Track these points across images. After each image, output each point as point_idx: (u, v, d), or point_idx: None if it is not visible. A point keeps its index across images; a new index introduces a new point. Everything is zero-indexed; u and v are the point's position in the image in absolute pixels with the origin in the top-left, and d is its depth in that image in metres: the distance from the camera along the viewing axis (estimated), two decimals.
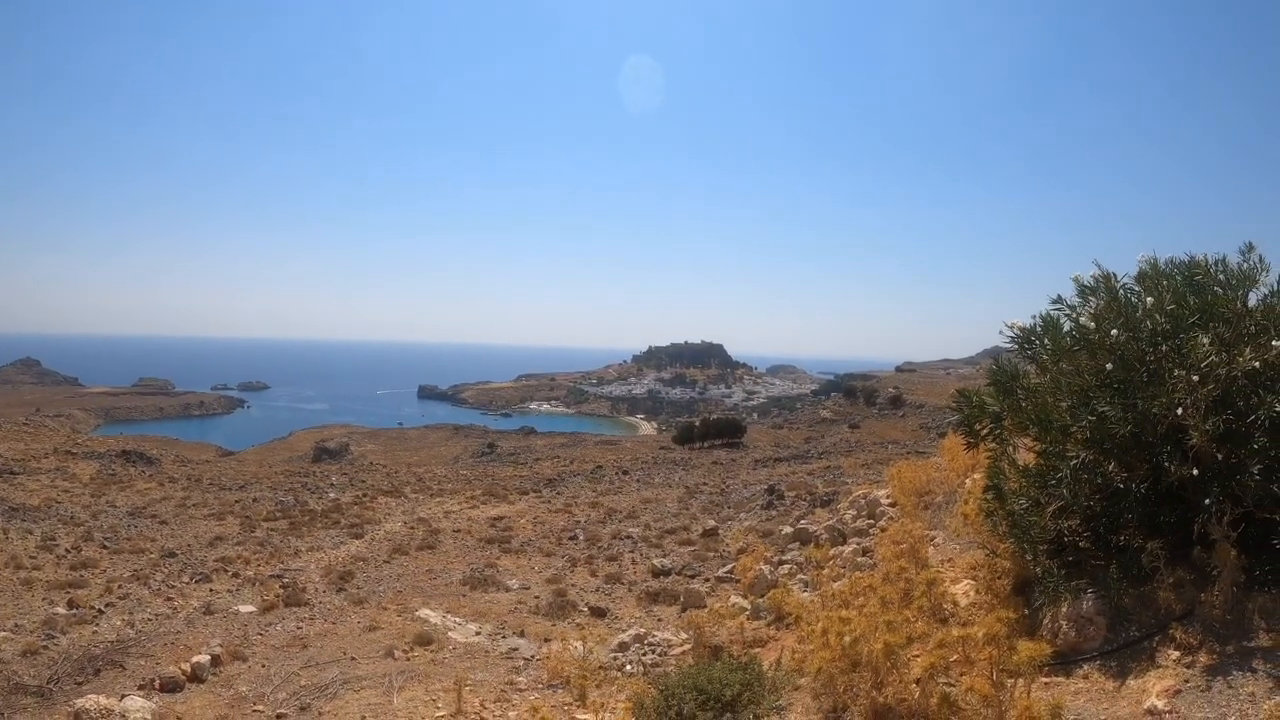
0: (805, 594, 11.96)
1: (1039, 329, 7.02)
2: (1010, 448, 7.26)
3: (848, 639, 6.12)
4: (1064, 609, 6.41)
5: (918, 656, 6.09)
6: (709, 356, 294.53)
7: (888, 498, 17.24)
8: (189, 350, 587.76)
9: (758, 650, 9.88)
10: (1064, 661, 6.14)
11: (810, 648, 7.19)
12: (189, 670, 13.49)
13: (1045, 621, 6.54)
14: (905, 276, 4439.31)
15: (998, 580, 7.32)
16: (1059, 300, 6.94)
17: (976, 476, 10.72)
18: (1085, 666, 6.06)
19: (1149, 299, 6.37)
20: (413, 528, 31.26)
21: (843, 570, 12.44)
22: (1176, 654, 5.64)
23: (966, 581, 7.84)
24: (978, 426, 7.28)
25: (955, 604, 7.46)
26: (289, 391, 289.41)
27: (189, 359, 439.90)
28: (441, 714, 10.89)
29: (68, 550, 27.73)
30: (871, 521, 16.66)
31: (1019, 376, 7.15)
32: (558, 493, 42.36)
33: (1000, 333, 7.19)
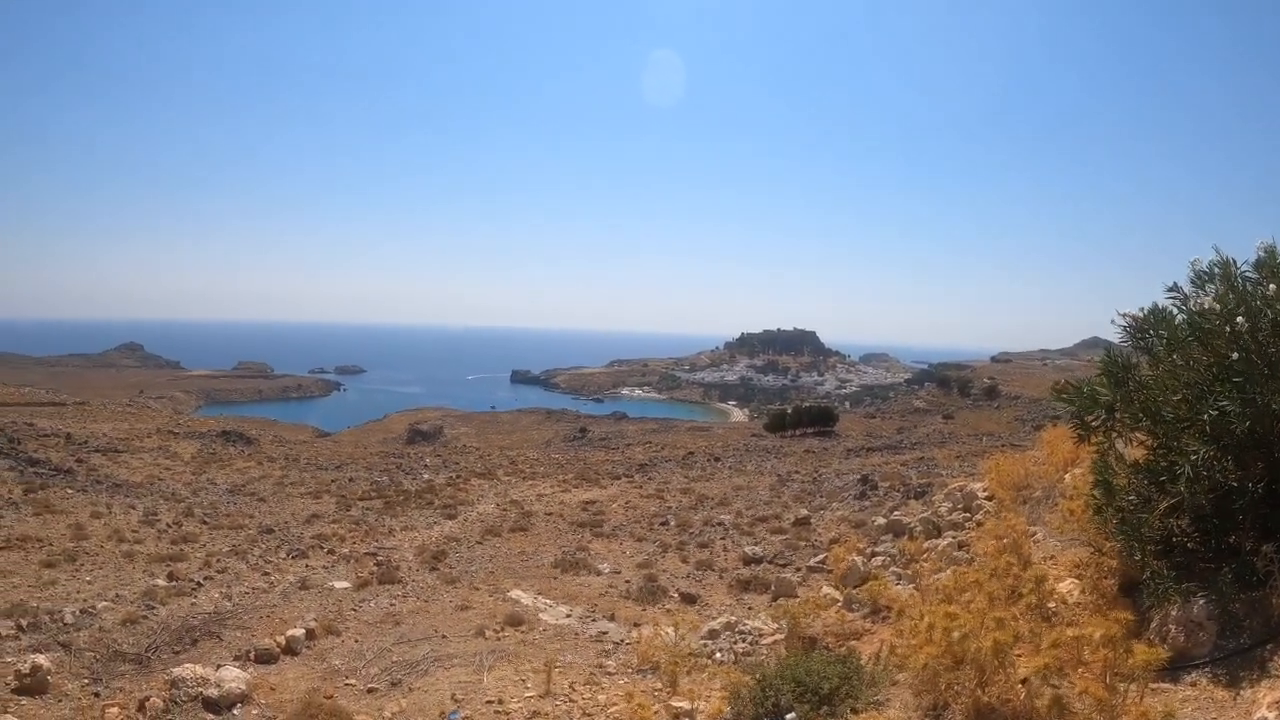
0: (901, 587, 11.77)
1: (1153, 318, 6.77)
2: (1120, 442, 7.03)
3: (956, 635, 5.95)
4: (1173, 612, 6.17)
5: (1021, 656, 5.92)
6: (801, 344, 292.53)
7: (984, 491, 16.89)
8: (287, 335, 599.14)
9: (853, 643, 9.73)
10: (1172, 667, 5.92)
11: (910, 642, 7.03)
12: (284, 643, 13.70)
13: (1153, 624, 6.32)
14: (1003, 264, 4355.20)
15: (1104, 580, 7.08)
16: (1174, 288, 6.67)
17: (1077, 471, 10.43)
18: (1194, 673, 5.82)
19: (1272, 286, 6.10)
20: (505, 510, 31.46)
21: (939, 564, 12.22)
22: None
23: (1070, 580, 7.61)
24: (1089, 419, 7.05)
25: (1063, 602, 7.24)
26: (384, 375, 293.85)
27: (287, 343, 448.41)
28: (531, 694, 10.90)
29: (169, 525, 28.38)
30: (967, 515, 16.34)
31: (1131, 368, 6.90)
32: (649, 478, 42.38)
33: (1112, 322, 6.95)
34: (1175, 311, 6.62)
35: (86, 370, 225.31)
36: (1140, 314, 6.82)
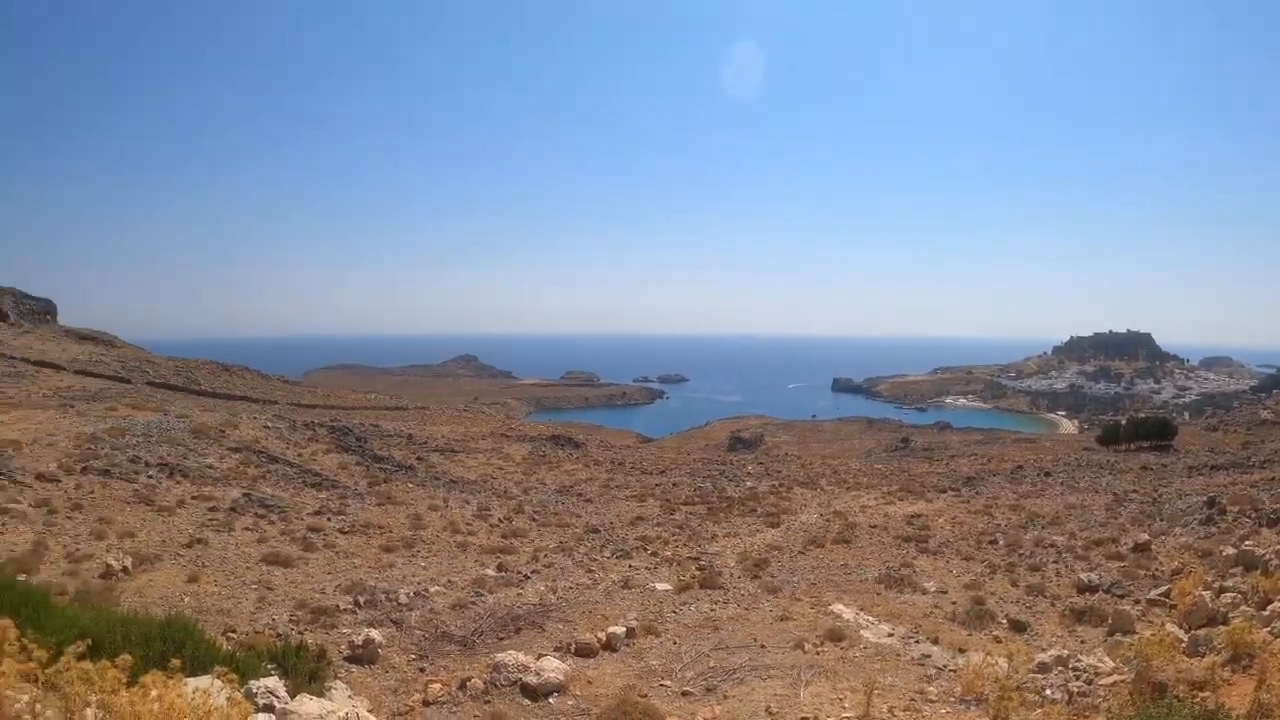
0: (1263, 633, 10.68)
1: None
2: None
3: None
4: None
5: None
6: (1135, 347, 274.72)
7: None
8: (612, 347, 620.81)
9: (1207, 694, 8.89)
10: None
11: None
12: (604, 639, 14.18)
13: None
14: None
15: None
16: None
17: None
18: None
19: None
20: (828, 520, 31.24)
21: None
22: None
23: None
24: None
25: None
26: (706, 384, 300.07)
27: (612, 354, 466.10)
28: (848, 715, 10.66)
29: (500, 520, 29.97)
30: None
31: None
32: (976, 492, 41.02)
33: None
34: None
35: (426, 379, 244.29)
36: None
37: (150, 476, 30.80)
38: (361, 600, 17.34)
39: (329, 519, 27.79)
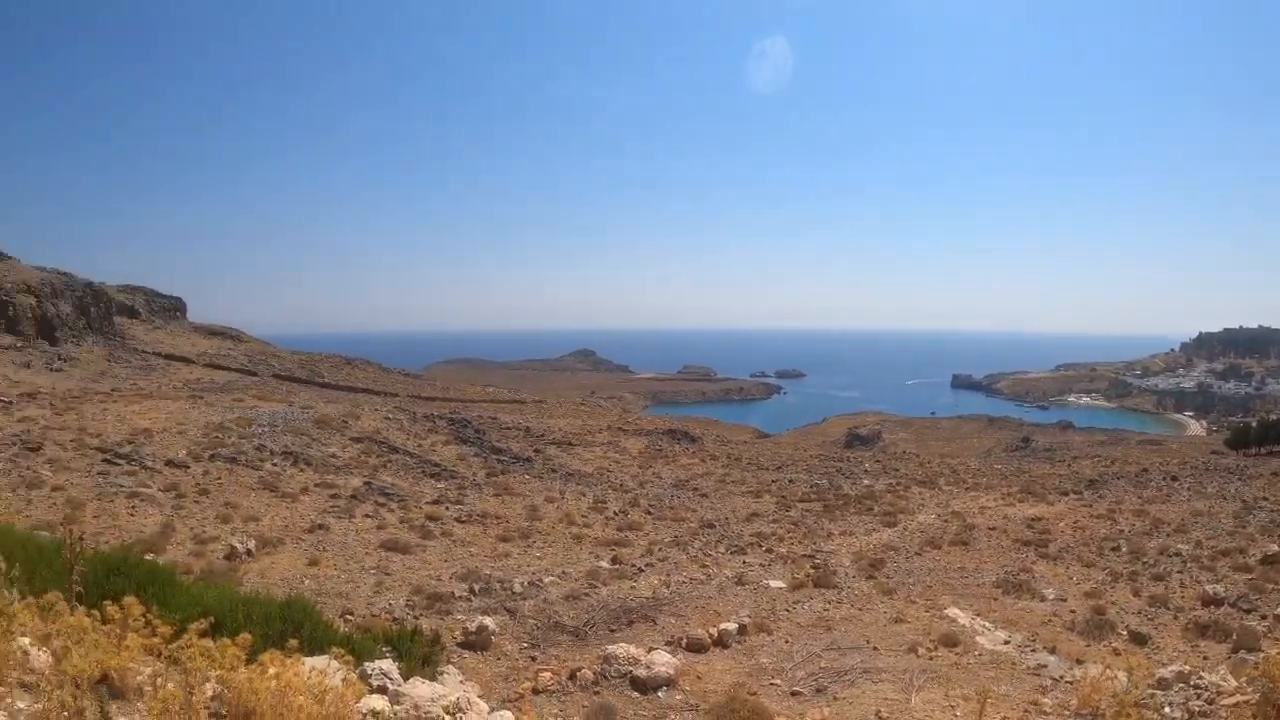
0: None
1: None
2: None
3: None
4: None
5: None
6: (1267, 344, 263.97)
7: None
8: (729, 341, 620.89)
9: None
10: None
11: None
12: (715, 635, 14.30)
13: None
14: None
15: None
16: None
17: None
18: None
19: None
20: (946, 521, 30.88)
21: None
22: None
23: None
24: None
25: None
26: (824, 380, 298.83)
27: (729, 349, 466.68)
28: None
29: (615, 513, 30.31)
30: None
31: None
32: (1099, 496, 40.02)
33: None
34: None
35: (544, 373, 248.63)
36: None
37: (275, 464, 31.81)
38: (476, 588, 17.75)
39: (447, 508, 28.43)
